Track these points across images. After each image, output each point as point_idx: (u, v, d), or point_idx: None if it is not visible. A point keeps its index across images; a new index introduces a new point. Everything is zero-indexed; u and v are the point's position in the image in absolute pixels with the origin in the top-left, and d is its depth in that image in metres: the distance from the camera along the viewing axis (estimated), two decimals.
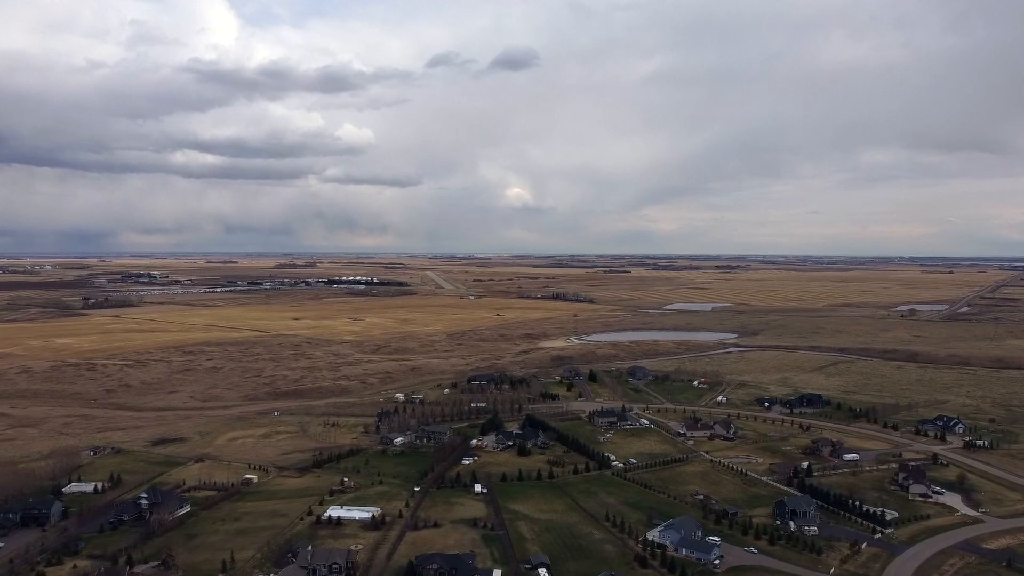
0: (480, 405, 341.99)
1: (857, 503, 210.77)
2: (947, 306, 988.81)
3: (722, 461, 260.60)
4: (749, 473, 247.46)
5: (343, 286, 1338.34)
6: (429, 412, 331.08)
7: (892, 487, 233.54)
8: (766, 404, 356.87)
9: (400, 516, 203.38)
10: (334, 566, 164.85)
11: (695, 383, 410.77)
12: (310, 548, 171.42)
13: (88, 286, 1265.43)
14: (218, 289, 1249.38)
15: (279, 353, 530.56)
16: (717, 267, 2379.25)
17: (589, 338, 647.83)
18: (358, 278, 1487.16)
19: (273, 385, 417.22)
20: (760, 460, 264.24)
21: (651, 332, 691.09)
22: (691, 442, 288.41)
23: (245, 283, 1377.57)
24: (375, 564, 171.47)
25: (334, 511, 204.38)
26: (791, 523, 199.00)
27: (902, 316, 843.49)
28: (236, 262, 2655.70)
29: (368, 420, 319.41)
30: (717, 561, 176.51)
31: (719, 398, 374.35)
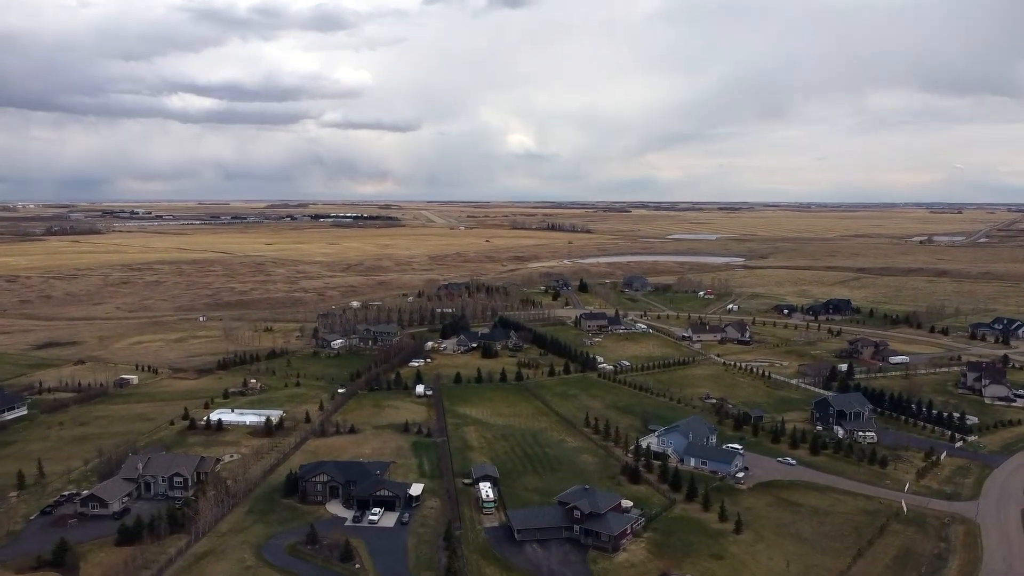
0: (447, 311, 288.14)
1: (923, 406, 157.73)
2: (964, 237, 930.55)
3: (738, 364, 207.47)
4: (774, 376, 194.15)
5: (329, 219, 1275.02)
6: (384, 318, 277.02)
7: (960, 390, 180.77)
8: (785, 311, 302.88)
9: (307, 420, 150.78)
10: (176, 479, 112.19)
11: (700, 293, 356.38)
12: (149, 456, 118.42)
13: (64, 220, 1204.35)
14: (197, 222, 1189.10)
15: (236, 270, 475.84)
16: (720, 208, 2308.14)
17: (583, 261, 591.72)
18: (346, 214, 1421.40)
19: (216, 297, 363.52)
20: (786, 363, 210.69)
21: (651, 256, 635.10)
22: (698, 345, 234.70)
23: (228, 218, 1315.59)
24: (245, 477, 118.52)
25: (218, 415, 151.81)
26: (838, 428, 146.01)
27: (920, 243, 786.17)
28: (229, 204, 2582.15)
29: (310, 326, 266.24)
30: (740, 475, 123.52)
31: (730, 306, 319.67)
